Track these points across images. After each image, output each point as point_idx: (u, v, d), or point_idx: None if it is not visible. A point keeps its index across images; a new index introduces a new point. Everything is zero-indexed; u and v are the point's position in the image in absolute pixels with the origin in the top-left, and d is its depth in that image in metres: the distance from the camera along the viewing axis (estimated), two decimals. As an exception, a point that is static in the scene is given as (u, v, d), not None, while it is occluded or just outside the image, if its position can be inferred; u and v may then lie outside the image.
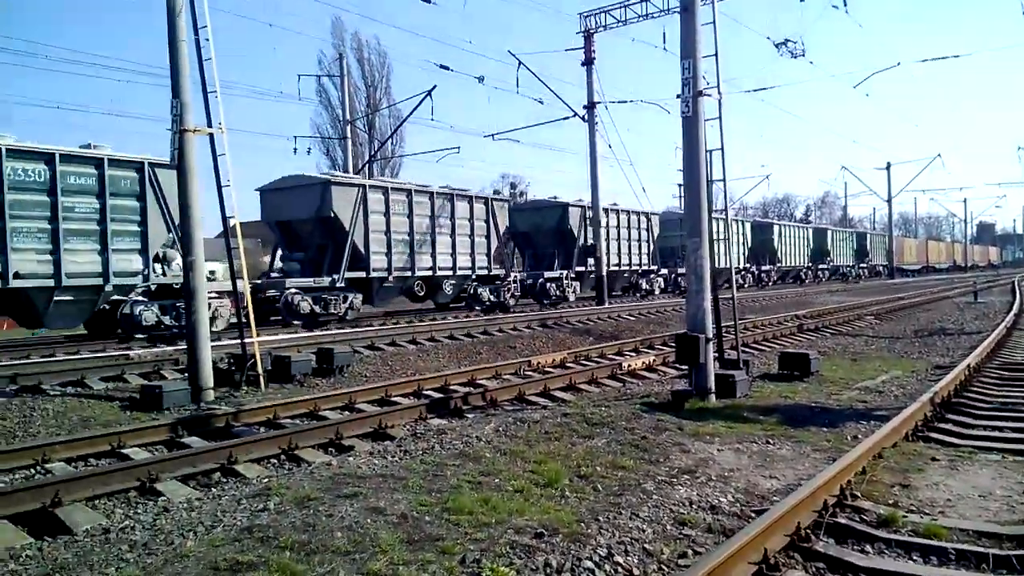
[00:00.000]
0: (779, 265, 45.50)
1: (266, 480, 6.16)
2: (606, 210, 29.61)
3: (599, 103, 26.41)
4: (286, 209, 19.91)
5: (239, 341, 10.89)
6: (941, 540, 4.42)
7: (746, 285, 40.19)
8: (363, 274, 19.77)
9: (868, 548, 4.37)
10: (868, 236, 63.64)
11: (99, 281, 14.72)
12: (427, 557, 4.21)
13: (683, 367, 10.18)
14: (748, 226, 42.13)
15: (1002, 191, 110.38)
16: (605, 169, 27.91)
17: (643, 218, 32.51)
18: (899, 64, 26.22)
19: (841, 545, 4.40)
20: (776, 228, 46.42)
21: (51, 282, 13.99)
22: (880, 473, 5.78)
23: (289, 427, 8.11)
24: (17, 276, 13.49)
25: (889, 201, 62.37)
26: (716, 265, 11.18)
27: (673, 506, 5.13)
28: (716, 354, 9.74)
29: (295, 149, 40.24)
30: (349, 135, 32.86)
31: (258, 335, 11.32)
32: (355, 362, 12.50)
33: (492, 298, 23.85)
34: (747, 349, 13.76)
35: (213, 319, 15.17)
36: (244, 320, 11.00)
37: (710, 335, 9.39)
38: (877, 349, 14.67)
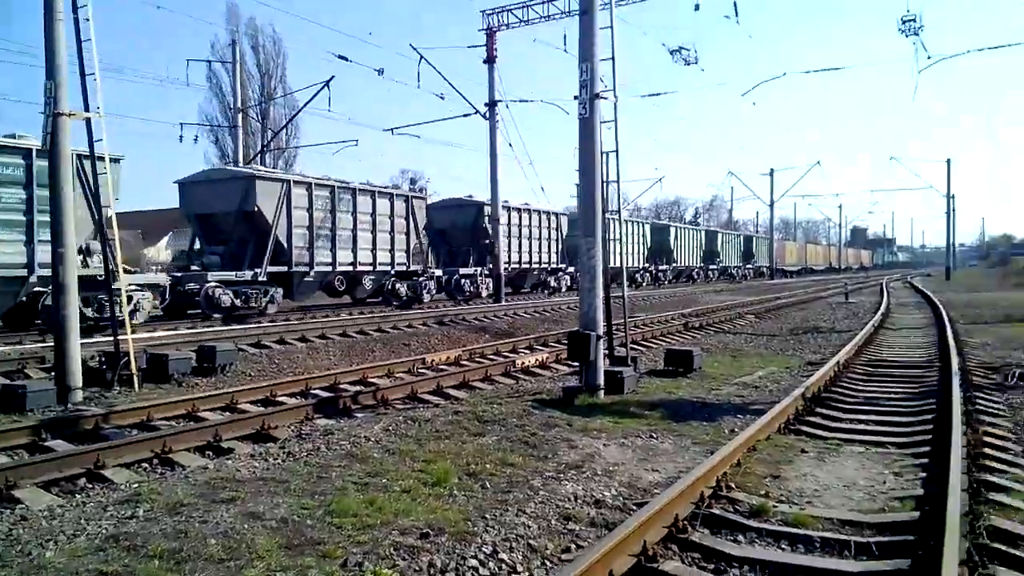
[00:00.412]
0: (675, 265, 47.89)
1: (136, 485, 5.83)
2: (517, 209, 30.93)
3: (500, 101, 26.56)
4: (208, 202, 19.78)
5: (112, 338, 10.26)
6: (808, 528, 4.66)
7: (644, 284, 42.13)
8: (285, 268, 20.00)
9: (741, 538, 4.56)
10: (754, 239, 67.26)
11: (24, 272, 14.42)
12: (307, 562, 4.09)
13: (575, 364, 10.34)
14: (647, 227, 44.35)
15: (874, 198, 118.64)
16: (506, 167, 28.27)
17: (551, 217, 33.86)
18: (784, 75, 27.89)
19: (716, 536, 4.57)
20: (672, 230, 49.06)
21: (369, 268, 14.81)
22: (754, 465, 6.05)
23: (164, 429, 7.70)
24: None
25: (771, 205, 65.80)
26: (615, 264, 11.45)
27: (559, 501, 5.19)
28: (606, 351, 9.95)
29: (181, 137, 38.19)
30: (241, 124, 31.58)
31: (164, 329, 10.72)
32: (239, 360, 12.02)
33: (409, 294, 24.39)
34: (636, 346, 14.15)
35: (134, 312, 15.50)
36: (119, 316, 10.36)
37: (601, 333, 9.59)
38: (755, 346, 15.39)
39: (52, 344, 10.19)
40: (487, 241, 28.30)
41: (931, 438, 6.83)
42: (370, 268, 22.78)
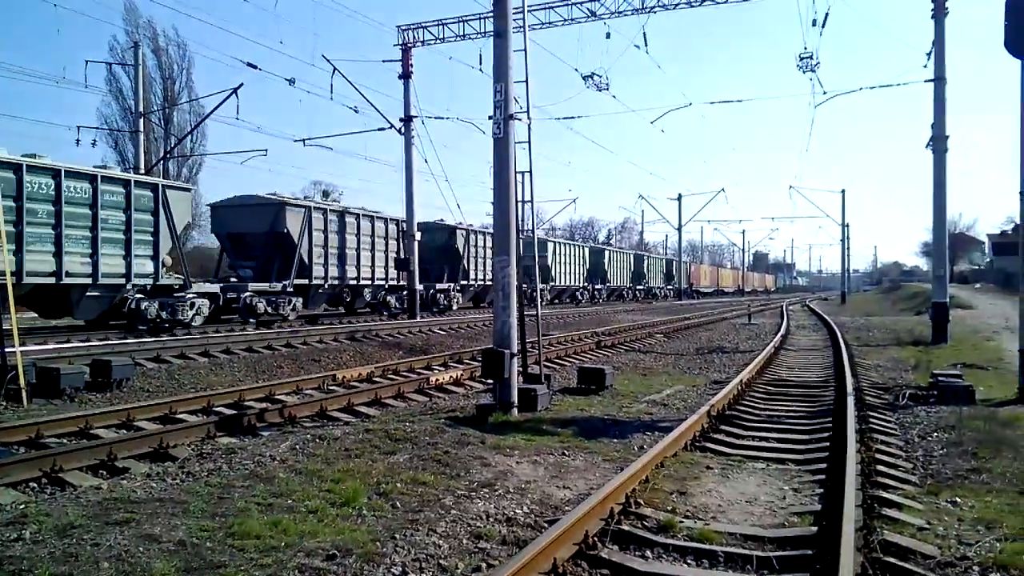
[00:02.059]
0: (609, 284, 51.62)
1: (23, 506, 5.45)
2: (475, 232, 33.51)
3: (416, 117, 26.40)
4: (240, 223, 23.01)
5: (-3, 350, 9.62)
6: (712, 544, 4.78)
7: (584, 301, 46.13)
8: (306, 281, 23.23)
9: (649, 553, 4.64)
10: (674, 262, 70.03)
11: (122, 281, 17.12)
12: (206, 586, 3.91)
13: (489, 381, 10.34)
14: (586, 250, 48.71)
15: (775, 224, 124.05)
16: (422, 183, 28.54)
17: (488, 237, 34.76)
18: (690, 104, 28.55)
19: (624, 552, 4.64)
20: (607, 253, 53.00)
21: (88, 280, 16.26)
22: (662, 481, 6.19)
23: (54, 447, 7.24)
24: (68, 275, 15.68)
25: (679, 229, 68.07)
26: (560, 283, 11.51)
27: (471, 520, 5.15)
28: (521, 369, 10.01)
29: (78, 140, 36.38)
30: (142, 128, 30.31)
31: (68, 341, 10.07)
32: (137, 376, 11.47)
33: (398, 305, 27.51)
34: (550, 364, 14.28)
35: (195, 316, 18.94)
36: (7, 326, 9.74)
37: (515, 350, 9.63)
38: (664, 365, 15.80)
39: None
40: (467, 261, 31.69)
41: (828, 455, 7.15)
42: (369, 281, 26.34)
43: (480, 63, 22.88)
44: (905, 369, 14.45)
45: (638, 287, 58.83)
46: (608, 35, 22.27)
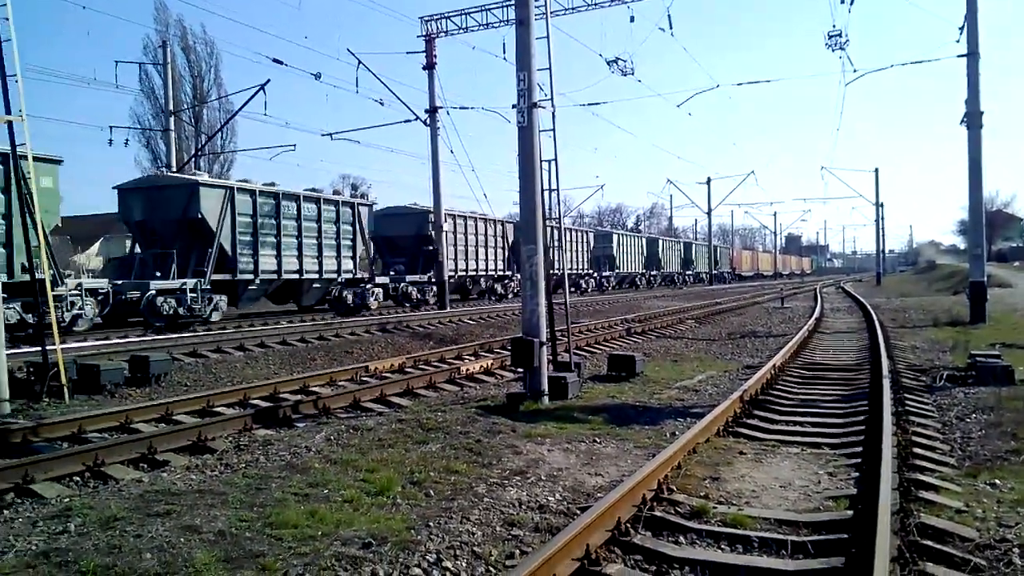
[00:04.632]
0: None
1: (67, 500, 5.63)
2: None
3: (441, 108, 26.46)
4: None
5: (39, 348, 9.86)
6: (746, 529, 4.77)
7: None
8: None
9: (682, 539, 4.64)
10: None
11: (335, 275, 23.14)
12: (246, 575, 4.00)
13: (519, 370, 10.38)
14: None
15: (807, 206, 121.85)
16: (448, 174, 28.84)
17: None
18: (718, 86, 28.22)
19: (657, 537, 4.65)
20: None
21: (316, 275, 22.03)
22: (694, 467, 6.17)
23: (96, 442, 7.43)
24: (305, 272, 21.62)
25: (709, 213, 67.41)
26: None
27: (503, 508, 5.19)
28: (550, 357, 10.02)
29: (111, 140, 36.90)
30: (173, 127, 30.73)
31: (107, 338, 10.33)
32: (174, 370, 11.70)
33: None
34: (579, 352, 14.27)
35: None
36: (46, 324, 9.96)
37: (544, 339, 9.64)
38: (696, 350, 15.70)
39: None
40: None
41: (863, 439, 7.07)
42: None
43: (503, 52, 22.83)
44: (942, 350, 14.20)
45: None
46: (632, 19, 22.03)
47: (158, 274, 18.89)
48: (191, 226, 19.47)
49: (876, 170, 59.44)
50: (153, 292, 18.12)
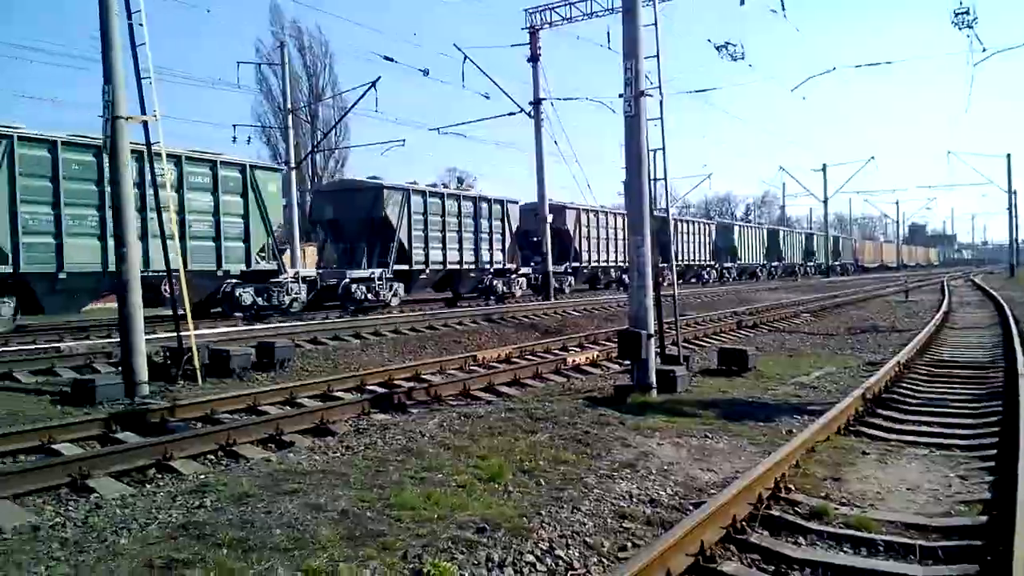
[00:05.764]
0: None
1: (203, 477, 6.03)
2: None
3: (545, 99, 26.51)
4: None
5: (175, 334, 10.60)
6: (871, 532, 4.57)
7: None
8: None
9: (801, 540, 4.50)
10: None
11: (487, 266, 26.50)
12: (368, 553, 4.18)
13: (626, 362, 10.31)
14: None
15: (932, 193, 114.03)
16: (552, 165, 28.92)
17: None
18: (834, 69, 26.98)
19: (775, 537, 4.53)
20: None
21: (473, 266, 25.15)
22: (813, 467, 5.96)
23: (227, 422, 7.93)
24: (464, 263, 24.99)
25: (825, 202, 64.37)
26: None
27: (614, 500, 5.19)
28: (658, 349, 9.90)
29: (234, 138, 39.06)
30: (291, 125, 32.17)
31: (225, 326, 11.05)
32: (296, 356, 12.29)
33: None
34: (688, 345, 14.02)
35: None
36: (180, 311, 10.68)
37: (652, 331, 9.53)
38: (812, 346, 15.10)
39: (118, 340, 10.55)
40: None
41: (998, 440, 6.62)
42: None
43: (608, 41, 22.57)
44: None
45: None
46: (743, 1, 21.30)
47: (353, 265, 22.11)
48: (377, 224, 22.41)
49: (1008, 155, 55.30)
50: (348, 280, 21.16)
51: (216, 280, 17.98)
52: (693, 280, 43.92)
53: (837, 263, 67.76)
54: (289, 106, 32.92)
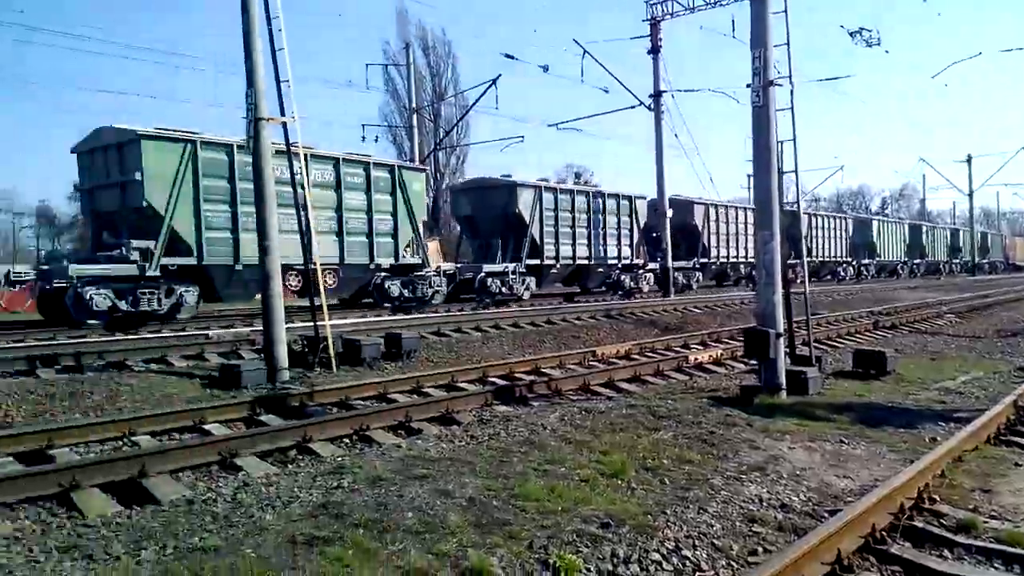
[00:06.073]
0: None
1: (340, 459, 6.34)
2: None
3: (665, 92, 25.99)
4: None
5: (312, 324, 11.18)
6: (1025, 549, 4.26)
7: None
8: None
9: (947, 553, 4.25)
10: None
11: (615, 261, 26.78)
12: (495, 541, 4.28)
13: (752, 362, 10.00)
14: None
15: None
16: (671, 159, 28.46)
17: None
18: (980, 54, 24.94)
19: (918, 549, 4.29)
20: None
21: (601, 261, 25.77)
22: (960, 477, 5.59)
23: (360, 408, 8.31)
24: (583, 258, 25.24)
25: (970, 195, 59.71)
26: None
27: (742, 503, 5.07)
28: (787, 350, 9.54)
29: (363, 137, 40.64)
30: (415, 124, 33.11)
31: (355, 317, 11.60)
32: (421, 347, 12.69)
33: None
34: (819, 345, 13.42)
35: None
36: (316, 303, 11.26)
37: (780, 330, 9.19)
38: (957, 348, 14.11)
39: (261, 328, 11.25)
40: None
41: None
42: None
43: (733, 30, 21.89)
44: None
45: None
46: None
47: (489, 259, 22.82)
48: (510, 220, 23.08)
49: None
50: (484, 274, 21.94)
51: (368, 273, 19.21)
52: (828, 277, 42.02)
53: (985, 261, 62.78)
54: (414, 105, 33.93)
